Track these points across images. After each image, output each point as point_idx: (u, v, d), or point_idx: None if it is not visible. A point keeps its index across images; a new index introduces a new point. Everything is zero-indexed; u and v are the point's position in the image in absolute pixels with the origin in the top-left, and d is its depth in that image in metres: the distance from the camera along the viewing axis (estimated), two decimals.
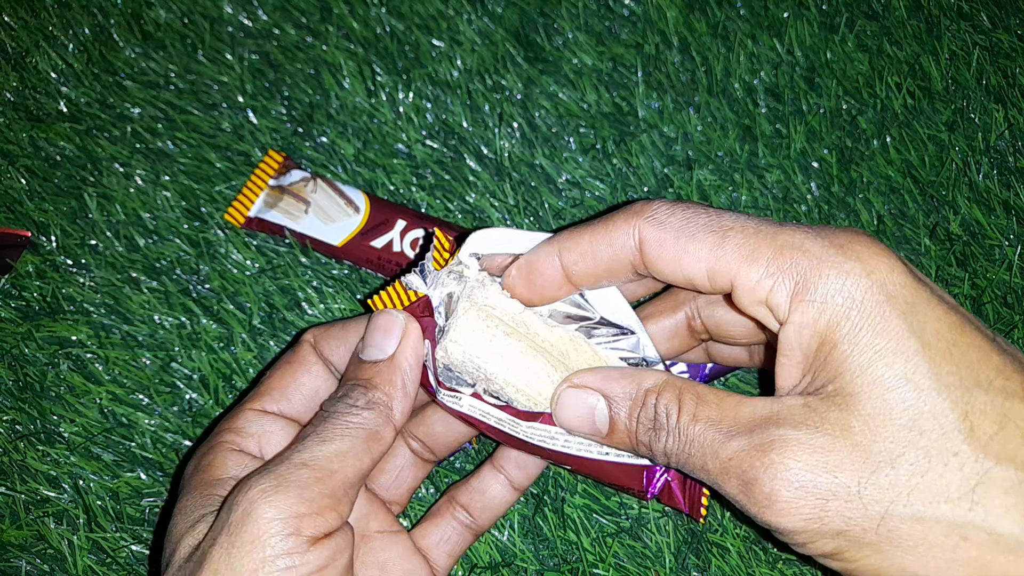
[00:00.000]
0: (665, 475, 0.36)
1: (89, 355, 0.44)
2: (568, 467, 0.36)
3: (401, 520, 0.40)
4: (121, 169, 0.48)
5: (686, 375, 0.43)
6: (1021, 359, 0.28)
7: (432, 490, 0.42)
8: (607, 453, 0.35)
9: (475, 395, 0.35)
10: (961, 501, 0.26)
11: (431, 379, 0.34)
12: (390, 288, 0.34)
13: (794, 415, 0.28)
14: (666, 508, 0.42)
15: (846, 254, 0.28)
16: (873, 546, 0.27)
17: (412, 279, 0.34)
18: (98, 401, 0.43)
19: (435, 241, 0.36)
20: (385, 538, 0.36)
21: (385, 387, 0.32)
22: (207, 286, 0.46)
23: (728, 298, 0.31)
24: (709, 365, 0.43)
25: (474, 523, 0.38)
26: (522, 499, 0.41)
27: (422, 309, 0.34)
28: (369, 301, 0.35)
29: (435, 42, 0.51)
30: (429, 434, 0.38)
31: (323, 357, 0.35)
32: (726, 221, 0.30)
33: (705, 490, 0.37)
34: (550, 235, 0.34)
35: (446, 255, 0.36)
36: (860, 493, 0.26)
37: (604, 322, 0.35)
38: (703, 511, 0.37)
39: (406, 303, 0.34)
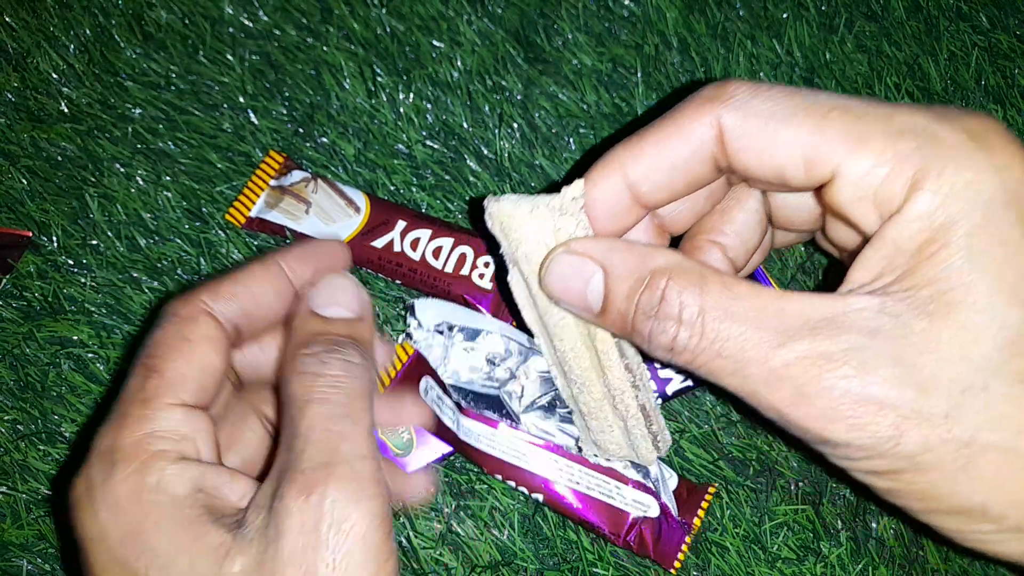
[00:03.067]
0: (640, 524, 0.37)
1: (90, 355, 0.44)
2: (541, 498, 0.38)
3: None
4: (122, 169, 0.48)
5: (685, 374, 0.43)
6: None
7: None
8: (587, 487, 0.37)
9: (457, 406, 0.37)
10: None
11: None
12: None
13: (868, 320, 0.24)
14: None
15: (978, 143, 0.24)
16: (941, 470, 0.24)
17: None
18: (99, 401, 0.43)
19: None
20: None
21: (366, 345, 0.29)
22: None
23: (818, 192, 0.27)
24: None
25: None
26: (522, 498, 0.41)
27: (416, 361, 0.38)
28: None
29: (435, 43, 0.52)
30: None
31: (221, 320, 0.29)
32: (824, 100, 0.26)
33: (684, 546, 0.38)
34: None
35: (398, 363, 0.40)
36: (947, 415, 0.24)
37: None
38: (677, 564, 0.38)
39: (404, 358, 0.39)
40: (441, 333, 0.42)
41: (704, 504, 0.40)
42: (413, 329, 0.42)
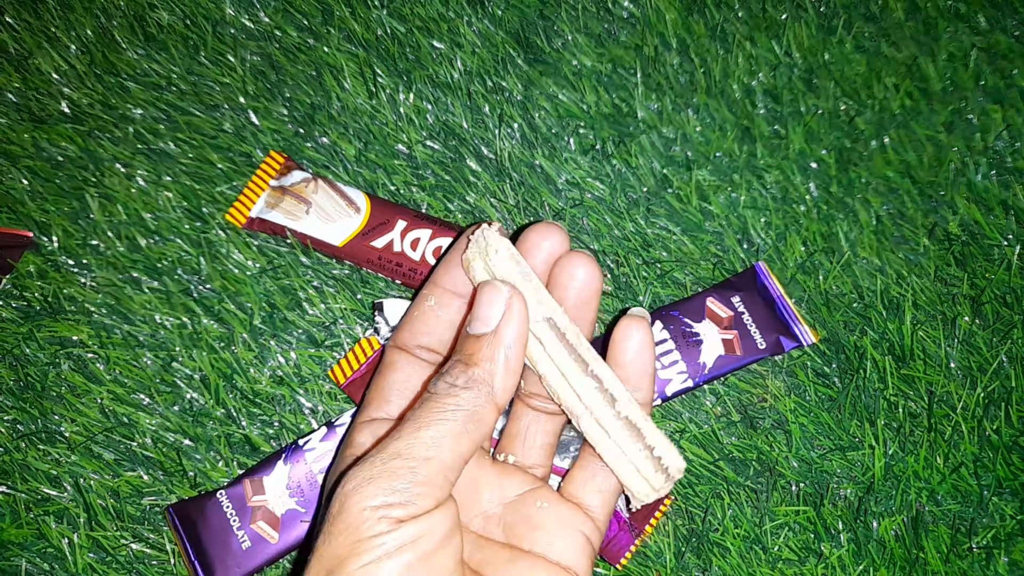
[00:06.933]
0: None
1: (90, 355, 0.44)
2: None
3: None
4: (123, 170, 0.48)
5: (685, 375, 0.43)
6: None
7: None
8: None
9: None
10: None
11: None
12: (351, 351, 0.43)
13: None
14: (666, 510, 0.42)
15: None
16: None
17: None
18: (99, 400, 0.43)
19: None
20: (527, 496, 0.34)
21: (486, 363, 0.30)
22: (208, 286, 0.46)
23: None
24: (709, 364, 0.43)
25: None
26: None
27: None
28: (330, 372, 0.43)
29: (436, 44, 0.52)
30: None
31: (409, 349, 0.35)
32: None
33: (632, 548, 0.40)
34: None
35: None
36: None
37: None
38: (623, 561, 0.41)
39: (369, 353, 0.42)
40: None
41: (657, 515, 0.41)
42: (381, 326, 0.43)
